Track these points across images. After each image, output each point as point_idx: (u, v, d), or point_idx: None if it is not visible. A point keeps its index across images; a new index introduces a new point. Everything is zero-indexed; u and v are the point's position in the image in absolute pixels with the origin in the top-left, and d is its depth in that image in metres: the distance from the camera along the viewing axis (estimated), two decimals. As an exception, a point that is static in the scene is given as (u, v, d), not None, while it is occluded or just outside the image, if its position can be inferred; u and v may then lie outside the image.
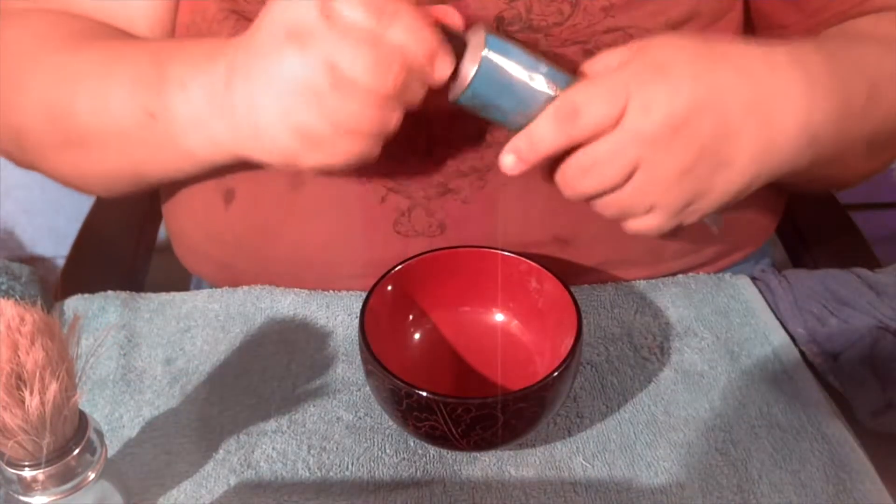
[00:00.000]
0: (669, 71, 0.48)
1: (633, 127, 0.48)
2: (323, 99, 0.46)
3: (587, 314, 0.61)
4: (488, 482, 0.51)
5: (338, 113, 0.46)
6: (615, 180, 0.50)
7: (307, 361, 0.58)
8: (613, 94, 0.48)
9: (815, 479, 0.50)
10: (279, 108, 0.48)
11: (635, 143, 0.48)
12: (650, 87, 0.48)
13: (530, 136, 0.49)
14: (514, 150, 0.50)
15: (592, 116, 0.48)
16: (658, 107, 0.48)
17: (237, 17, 0.59)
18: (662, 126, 0.48)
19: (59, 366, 0.40)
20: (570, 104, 0.48)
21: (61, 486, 0.41)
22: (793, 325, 0.60)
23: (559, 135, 0.49)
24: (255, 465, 0.52)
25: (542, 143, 0.49)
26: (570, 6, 0.55)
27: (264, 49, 0.48)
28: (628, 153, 0.49)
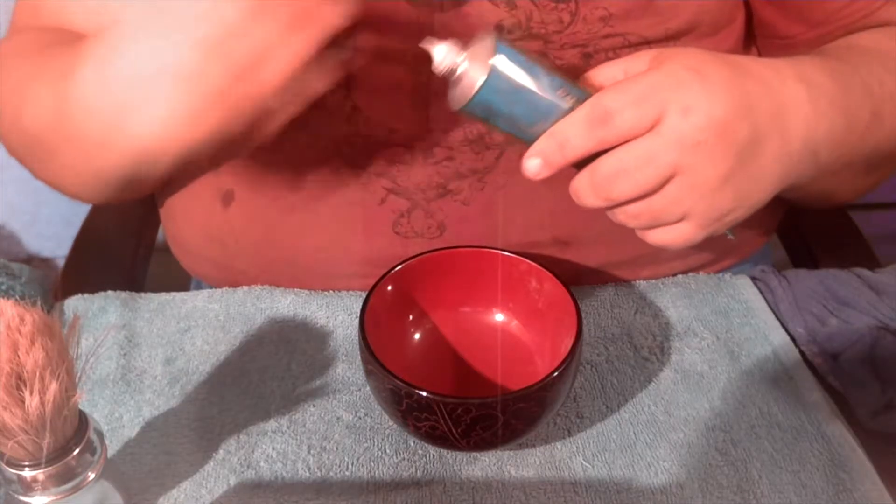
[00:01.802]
0: (706, 75, 0.46)
1: (674, 130, 0.46)
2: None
3: (587, 314, 0.61)
4: (488, 482, 0.51)
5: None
6: (650, 185, 0.47)
7: (307, 361, 0.58)
8: (649, 98, 0.46)
9: (815, 479, 0.50)
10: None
11: (675, 148, 0.46)
12: (689, 90, 0.46)
13: (558, 139, 0.47)
14: (540, 153, 0.47)
15: (627, 120, 0.46)
16: (699, 109, 0.46)
17: None
18: (705, 129, 0.46)
19: (59, 366, 0.40)
20: (602, 107, 0.46)
21: (61, 486, 0.41)
22: (793, 325, 0.60)
23: (590, 139, 0.46)
24: (255, 465, 0.52)
25: (571, 147, 0.47)
26: (570, 15, 0.55)
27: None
28: (667, 157, 0.46)
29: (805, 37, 0.62)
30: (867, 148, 0.56)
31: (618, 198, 0.48)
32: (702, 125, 0.46)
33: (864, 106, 0.54)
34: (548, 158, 0.47)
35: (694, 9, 0.57)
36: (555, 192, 0.60)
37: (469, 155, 0.58)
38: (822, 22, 0.61)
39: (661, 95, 0.46)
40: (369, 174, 0.59)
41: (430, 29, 0.57)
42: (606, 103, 0.46)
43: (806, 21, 0.61)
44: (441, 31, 0.57)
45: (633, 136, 0.46)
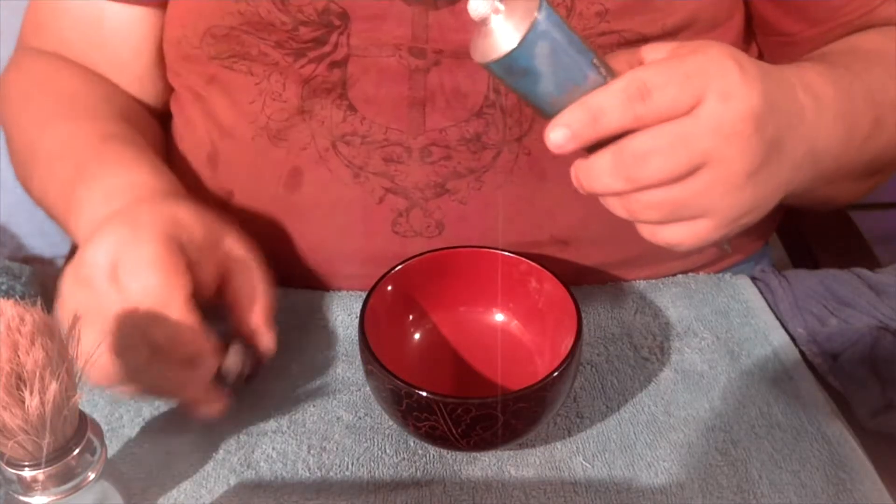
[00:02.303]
0: (744, 66, 0.44)
1: (712, 115, 0.43)
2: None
3: (587, 314, 0.61)
4: (488, 482, 0.51)
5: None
6: (679, 171, 0.44)
7: (307, 361, 0.58)
8: (692, 78, 0.43)
9: (815, 479, 0.50)
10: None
11: (712, 134, 0.43)
12: (731, 77, 0.43)
13: (591, 110, 0.43)
14: (568, 124, 0.43)
15: (667, 98, 0.43)
16: (740, 97, 0.43)
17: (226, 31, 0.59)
18: (743, 120, 0.43)
19: (59, 366, 0.40)
20: (642, 82, 0.42)
21: (61, 486, 0.41)
22: (793, 325, 0.60)
23: (626, 113, 0.43)
24: (255, 465, 0.52)
25: (605, 120, 0.43)
26: (566, 10, 0.55)
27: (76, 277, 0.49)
28: (701, 143, 0.43)
29: (805, 34, 0.62)
30: (867, 156, 0.56)
31: (643, 180, 0.44)
32: (741, 114, 0.43)
33: (866, 115, 0.54)
34: (577, 130, 0.43)
35: (691, 5, 0.57)
36: (553, 192, 0.60)
37: (466, 154, 0.58)
38: (823, 19, 0.61)
39: (704, 78, 0.43)
40: (367, 173, 0.59)
41: (425, 26, 0.57)
42: (647, 77, 0.43)
43: (806, 18, 0.61)
44: (435, 29, 0.57)
45: (671, 117, 0.43)
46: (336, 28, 0.58)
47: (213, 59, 0.61)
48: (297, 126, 0.60)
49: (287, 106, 0.59)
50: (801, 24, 0.61)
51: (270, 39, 0.58)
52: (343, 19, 0.57)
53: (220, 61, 0.61)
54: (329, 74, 0.58)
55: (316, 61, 0.58)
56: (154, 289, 0.48)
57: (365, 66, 0.58)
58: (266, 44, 0.59)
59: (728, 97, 0.43)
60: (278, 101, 0.60)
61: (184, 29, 0.62)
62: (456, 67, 0.57)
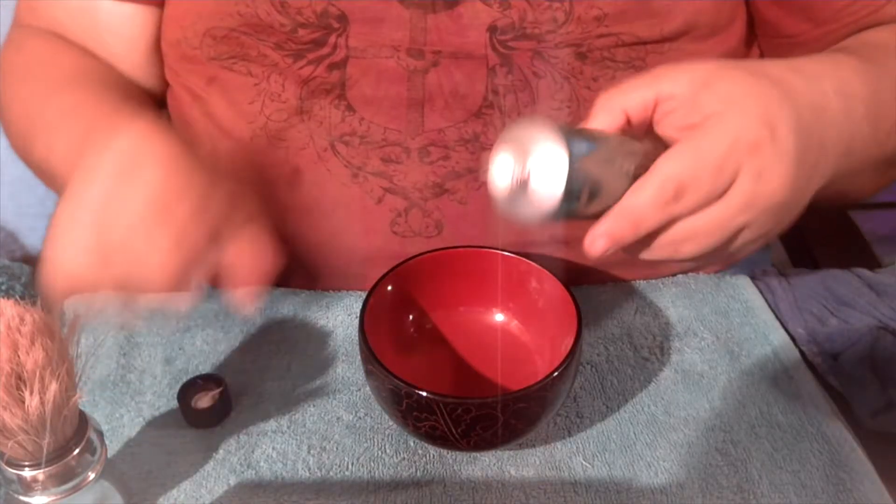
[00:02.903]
0: (776, 132, 0.43)
1: (745, 194, 0.43)
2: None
3: (587, 314, 0.61)
4: (488, 482, 0.51)
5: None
6: (718, 245, 0.45)
7: (307, 361, 0.58)
8: (723, 170, 0.42)
9: (815, 479, 0.50)
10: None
11: (747, 212, 0.44)
12: (763, 154, 0.43)
13: (631, 218, 0.43)
14: (608, 234, 0.44)
15: (701, 194, 0.43)
16: (773, 176, 0.43)
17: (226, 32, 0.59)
18: (781, 193, 0.44)
19: (59, 366, 0.40)
20: (675, 182, 0.42)
21: (61, 486, 0.41)
22: (793, 325, 0.60)
23: (664, 215, 0.43)
24: (255, 465, 0.52)
25: (645, 225, 0.43)
26: (564, 14, 0.55)
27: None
28: (738, 221, 0.44)
29: (810, 35, 0.62)
30: (889, 148, 0.55)
31: (684, 258, 0.45)
32: (778, 189, 0.44)
33: (892, 110, 0.53)
34: (618, 237, 0.43)
35: (690, 10, 0.57)
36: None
37: (464, 154, 0.58)
38: (827, 20, 0.61)
39: (735, 163, 0.42)
40: (366, 174, 0.59)
41: (423, 29, 0.57)
42: (679, 176, 0.42)
43: (810, 19, 0.61)
44: (434, 32, 0.57)
45: (705, 206, 0.43)
46: (335, 30, 0.58)
47: (213, 60, 0.61)
48: (296, 126, 0.60)
49: (286, 106, 0.59)
50: (805, 24, 0.61)
51: (269, 41, 0.59)
52: (342, 21, 0.57)
53: (219, 62, 0.61)
54: (328, 76, 0.58)
55: (315, 63, 0.58)
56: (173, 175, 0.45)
57: (364, 68, 0.58)
58: (265, 45, 0.59)
59: (760, 177, 0.43)
60: (277, 101, 0.60)
61: (183, 30, 0.62)
62: (454, 68, 0.57)
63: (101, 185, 0.46)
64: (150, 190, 0.45)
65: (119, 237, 0.45)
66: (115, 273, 0.46)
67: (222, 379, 0.54)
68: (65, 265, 0.46)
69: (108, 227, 0.45)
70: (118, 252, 0.45)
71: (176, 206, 0.45)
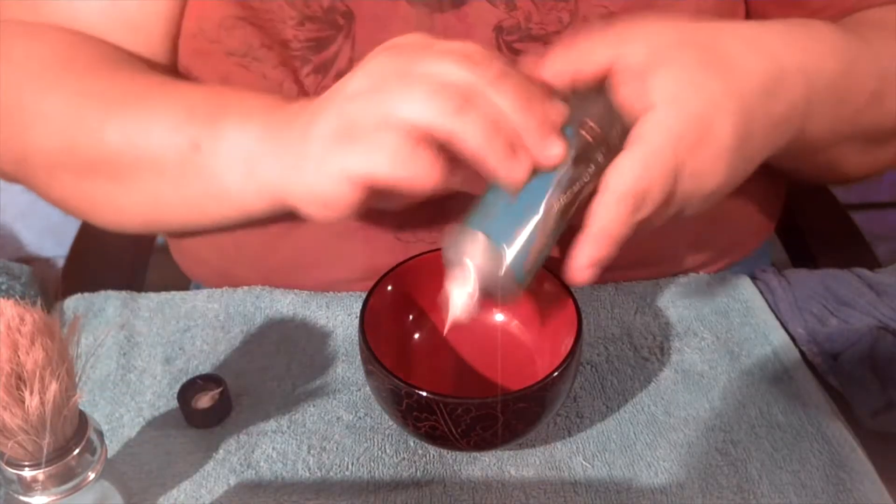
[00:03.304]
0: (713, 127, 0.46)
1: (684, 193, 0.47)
2: (395, 157, 0.43)
3: (587, 314, 0.61)
4: (488, 482, 0.51)
5: (407, 170, 0.43)
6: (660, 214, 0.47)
7: (307, 361, 0.58)
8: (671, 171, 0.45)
9: (815, 479, 0.50)
10: (336, 123, 0.46)
11: (685, 202, 0.48)
12: (700, 156, 0.46)
13: (605, 239, 0.45)
14: (592, 262, 0.45)
15: (657, 197, 0.45)
16: (709, 174, 0.47)
17: (244, 24, 0.59)
18: (716, 184, 0.47)
19: (59, 366, 0.40)
20: (634, 195, 0.44)
21: (61, 486, 0.41)
22: (793, 325, 0.60)
23: (631, 226, 0.45)
24: (255, 465, 0.52)
25: (619, 240, 0.45)
26: (570, 14, 0.55)
27: (336, 96, 0.47)
28: (677, 209, 0.48)
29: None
30: (867, 124, 0.56)
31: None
32: (711, 186, 0.47)
33: (867, 84, 0.54)
34: (602, 261, 0.46)
35: (694, 7, 0.57)
36: None
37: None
38: (821, 8, 0.61)
39: (678, 163, 0.45)
40: None
41: (430, 29, 0.57)
42: (636, 188, 0.44)
43: (804, 8, 0.61)
44: (440, 32, 0.57)
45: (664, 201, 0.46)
46: (340, 29, 0.57)
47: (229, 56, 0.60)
48: None
49: None
50: (800, 12, 0.61)
51: (278, 38, 0.58)
52: (348, 18, 0.57)
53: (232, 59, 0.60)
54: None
55: (321, 72, 0.58)
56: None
57: None
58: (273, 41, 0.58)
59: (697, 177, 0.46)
60: None
61: (200, 22, 0.61)
62: None
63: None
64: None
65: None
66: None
67: (222, 379, 0.54)
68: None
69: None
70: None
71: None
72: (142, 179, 0.56)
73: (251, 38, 0.59)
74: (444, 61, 0.44)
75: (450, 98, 0.43)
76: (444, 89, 0.43)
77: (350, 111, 0.45)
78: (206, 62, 0.62)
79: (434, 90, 0.43)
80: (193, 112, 0.54)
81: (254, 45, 0.59)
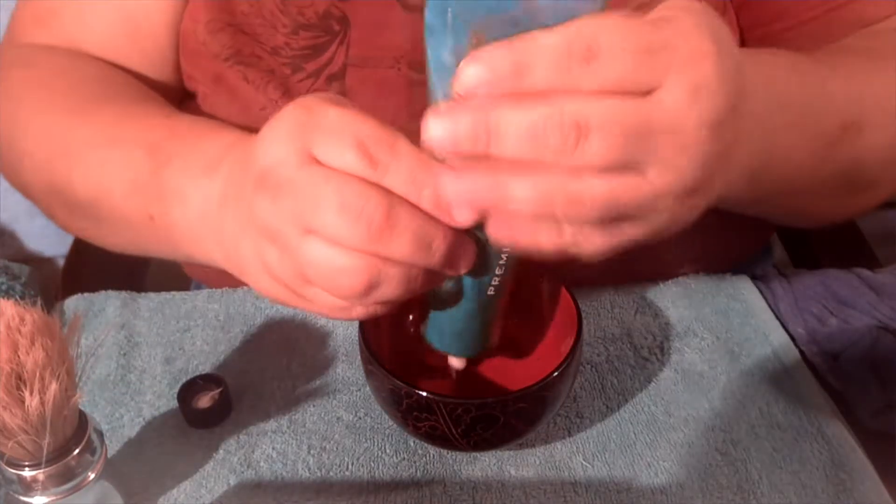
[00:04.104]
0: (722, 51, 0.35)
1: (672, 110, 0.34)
2: (294, 255, 0.39)
3: (587, 314, 0.61)
4: (488, 482, 0.51)
5: (312, 271, 0.39)
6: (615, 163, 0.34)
7: (307, 361, 0.58)
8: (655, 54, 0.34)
9: (815, 479, 0.50)
10: (255, 252, 0.42)
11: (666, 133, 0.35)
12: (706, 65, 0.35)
13: (519, 55, 0.33)
14: (489, 63, 0.33)
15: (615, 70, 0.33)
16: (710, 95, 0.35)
17: (232, 30, 0.59)
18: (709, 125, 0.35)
19: (59, 366, 0.40)
20: (591, 38, 0.33)
21: (61, 486, 0.41)
22: (793, 325, 0.60)
23: (560, 73, 0.33)
24: (255, 465, 0.52)
25: (532, 74, 0.33)
26: None
27: (245, 188, 0.41)
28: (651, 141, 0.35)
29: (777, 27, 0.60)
30: (839, 165, 0.53)
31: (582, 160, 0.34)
32: (706, 119, 0.35)
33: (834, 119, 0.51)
34: (496, 76, 0.33)
35: None
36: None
37: None
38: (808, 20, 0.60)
39: (670, 58, 0.34)
40: None
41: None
42: (597, 35, 0.33)
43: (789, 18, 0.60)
44: None
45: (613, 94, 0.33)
46: (336, 35, 0.57)
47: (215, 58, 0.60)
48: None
49: None
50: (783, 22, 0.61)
51: (267, 45, 0.58)
52: (343, 24, 0.57)
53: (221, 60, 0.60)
54: (328, 89, 0.58)
55: (314, 76, 0.58)
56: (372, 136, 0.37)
57: (362, 78, 0.58)
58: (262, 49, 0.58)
59: (697, 93, 0.34)
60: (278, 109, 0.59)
61: (194, 23, 0.61)
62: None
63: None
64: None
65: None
66: None
67: (222, 379, 0.54)
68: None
69: None
70: None
71: None
72: (116, 227, 0.55)
73: (238, 43, 0.59)
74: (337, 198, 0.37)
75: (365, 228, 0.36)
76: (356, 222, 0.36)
77: (266, 251, 0.41)
78: (198, 62, 0.62)
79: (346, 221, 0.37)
80: (139, 182, 0.51)
81: (241, 51, 0.59)
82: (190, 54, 0.63)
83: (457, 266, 0.39)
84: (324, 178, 0.37)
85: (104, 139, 0.54)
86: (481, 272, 0.42)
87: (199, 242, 0.48)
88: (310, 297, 0.41)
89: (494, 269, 0.42)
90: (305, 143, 0.38)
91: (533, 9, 0.33)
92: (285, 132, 0.38)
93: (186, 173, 0.49)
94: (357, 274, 0.37)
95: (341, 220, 0.36)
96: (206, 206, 0.47)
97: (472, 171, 0.35)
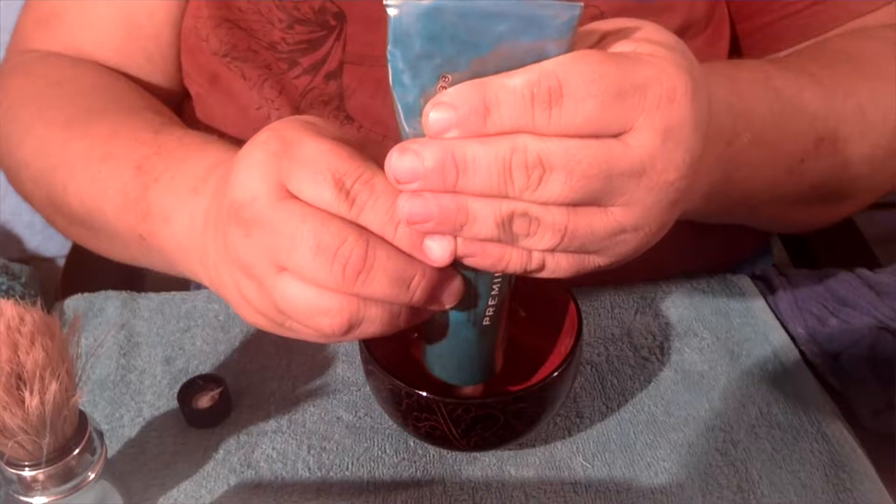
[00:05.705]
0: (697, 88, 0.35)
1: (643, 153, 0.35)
2: (270, 293, 0.38)
3: (587, 314, 0.61)
4: (488, 482, 0.51)
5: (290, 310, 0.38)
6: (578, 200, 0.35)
7: (307, 361, 0.58)
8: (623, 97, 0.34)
9: (815, 479, 0.50)
10: (233, 284, 0.41)
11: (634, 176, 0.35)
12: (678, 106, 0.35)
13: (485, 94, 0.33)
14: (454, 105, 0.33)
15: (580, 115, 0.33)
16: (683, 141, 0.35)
17: (230, 25, 0.59)
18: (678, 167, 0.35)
19: (59, 366, 0.40)
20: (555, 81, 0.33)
21: (61, 486, 0.41)
22: (793, 325, 0.60)
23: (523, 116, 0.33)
24: (255, 465, 0.52)
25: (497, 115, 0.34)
26: None
27: (221, 216, 0.40)
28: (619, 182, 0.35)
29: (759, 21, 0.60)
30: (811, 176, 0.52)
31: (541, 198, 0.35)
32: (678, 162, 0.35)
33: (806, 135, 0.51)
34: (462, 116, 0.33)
35: (687, 6, 0.57)
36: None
37: None
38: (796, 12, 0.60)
39: (640, 104, 0.34)
40: None
41: None
42: (564, 77, 0.32)
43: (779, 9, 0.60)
44: None
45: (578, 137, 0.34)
46: (332, 30, 0.57)
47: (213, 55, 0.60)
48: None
49: (282, 114, 0.59)
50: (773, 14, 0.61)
51: (264, 40, 0.58)
52: (339, 19, 0.57)
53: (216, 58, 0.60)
54: (325, 87, 0.58)
55: (311, 73, 0.58)
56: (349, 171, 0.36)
57: (360, 76, 0.58)
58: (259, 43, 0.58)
59: (667, 136, 0.34)
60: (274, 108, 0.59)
61: (195, 20, 0.61)
62: None
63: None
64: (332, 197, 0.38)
65: None
66: None
67: (222, 379, 0.54)
68: None
69: None
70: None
71: None
72: (112, 242, 0.55)
73: (236, 39, 0.59)
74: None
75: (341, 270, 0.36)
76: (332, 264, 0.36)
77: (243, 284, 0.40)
78: (196, 59, 0.62)
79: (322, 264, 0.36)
80: (128, 202, 0.51)
81: (238, 46, 0.59)
82: (189, 52, 0.63)
83: (440, 301, 0.39)
84: (300, 216, 0.36)
85: (96, 155, 0.53)
86: (472, 304, 0.41)
87: (187, 262, 0.48)
88: (294, 329, 0.40)
89: (487, 300, 0.42)
90: (280, 177, 0.37)
91: (501, 50, 0.33)
92: (260, 164, 0.37)
93: (174, 192, 0.48)
94: (336, 314, 0.37)
95: (317, 261, 0.35)
96: (192, 226, 0.46)
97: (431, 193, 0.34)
